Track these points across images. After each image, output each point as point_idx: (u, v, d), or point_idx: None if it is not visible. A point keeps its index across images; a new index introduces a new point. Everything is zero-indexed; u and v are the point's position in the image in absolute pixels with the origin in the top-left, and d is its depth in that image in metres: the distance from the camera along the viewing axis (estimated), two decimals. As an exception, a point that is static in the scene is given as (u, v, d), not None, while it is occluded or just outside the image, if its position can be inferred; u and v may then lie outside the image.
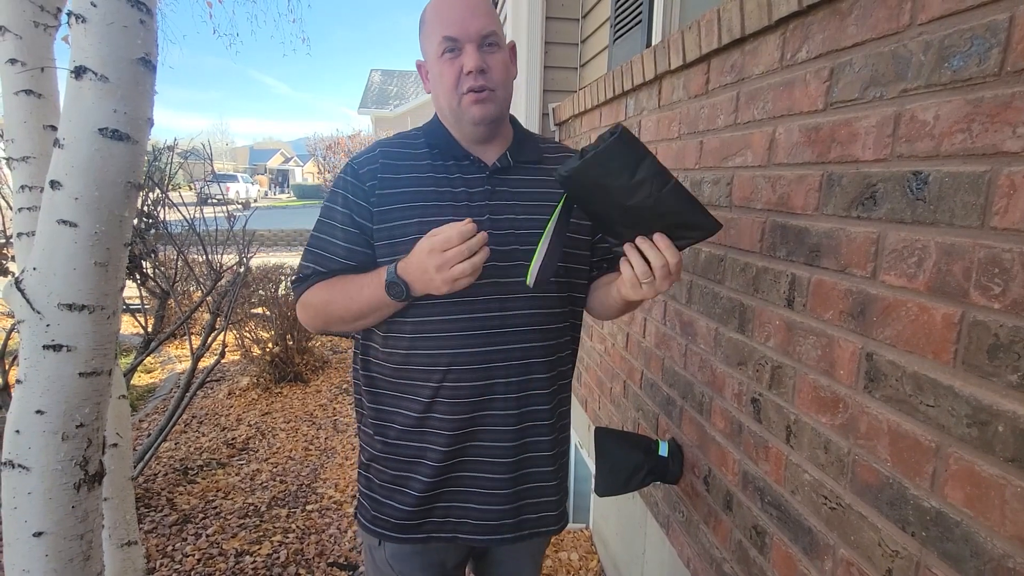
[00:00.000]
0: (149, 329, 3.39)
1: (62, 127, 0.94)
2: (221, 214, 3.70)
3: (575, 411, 2.38)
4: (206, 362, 3.93)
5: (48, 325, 0.97)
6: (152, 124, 1.02)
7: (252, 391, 4.10)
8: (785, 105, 0.98)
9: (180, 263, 3.79)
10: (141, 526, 2.41)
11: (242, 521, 2.52)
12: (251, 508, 2.63)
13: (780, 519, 1.01)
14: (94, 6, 0.90)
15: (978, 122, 0.64)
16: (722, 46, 1.15)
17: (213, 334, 3.08)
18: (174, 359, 4.98)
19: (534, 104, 2.88)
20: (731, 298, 1.17)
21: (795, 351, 0.96)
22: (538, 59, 2.85)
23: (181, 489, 2.78)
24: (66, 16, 0.94)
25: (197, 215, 3.53)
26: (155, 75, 1.00)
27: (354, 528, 2.47)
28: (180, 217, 3.60)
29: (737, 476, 1.15)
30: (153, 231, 3.90)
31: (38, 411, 0.98)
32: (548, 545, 1.27)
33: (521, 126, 1.09)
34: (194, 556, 2.26)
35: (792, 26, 0.96)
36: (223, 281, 3.39)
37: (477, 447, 1.02)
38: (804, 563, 0.94)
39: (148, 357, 3.65)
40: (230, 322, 3.41)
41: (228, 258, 3.64)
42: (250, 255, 3.65)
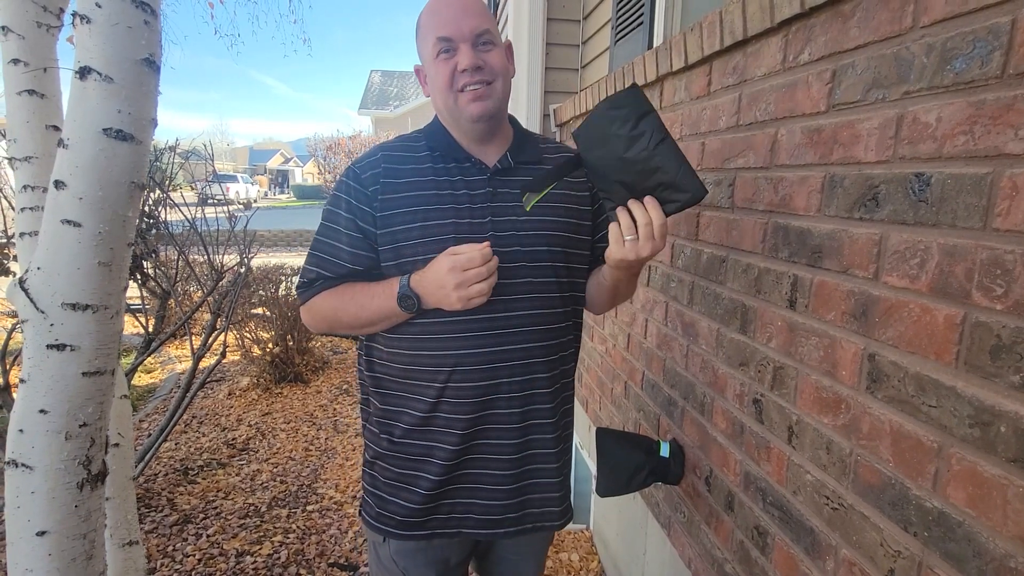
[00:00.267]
0: (150, 329, 3.39)
1: (66, 127, 0.94)
2: (222, 214, 3.71)
3: (576, 412, 2.38)
4: (207, 362, 3.92)
5: (52, 325, 0.97)
6: (156, 124, 1.02)
7: (252, 391, 4.10)
8: (787, 107, 0.99)
9: (181, 263, 3.79)
10: (142, 526, 2.41)
11: (243, 521, 2.52)
12: (251, 508, 2.63)
13: (782, 519, 1.01)
14: (99, 7, 0.90)
15: (980, 124, 0.65)
16: (724, 48, 1.16)
17: (214, 334, 3.08)
18: (174, 359, 4.98)
19: (535, 105, 2.88)
20: (733, 299, 1.17)
21: (797, 352, 0.97)
22: (539, 60, 2.86)
23: (182, 489, 2.78)
24: (70, 17, 0.95)
25: (198, 215, 3.54)
26: (159, 75, 1.00)
27: (355, 528, 2.48)
28: (181, 217, 3.60)
29: (739, 477, 1.15)
30: (154, 231, 3.91)
31: (41, 410, 0.98)
32: (551, 543, 1.27)
33: (520, 126, 1.10)
34: (195, 556, 2.26)
35: (794, 28, 0.96)
36: (224, 281, 3.39)
37: (483, 445, 1.03)
38: (806, 563, 0.95)
39: (148, 357, 3.65)
40: (231, 322, 3.41)
41: (229, 258, 3.64)
42: (251, 255, 3.65)
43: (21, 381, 1.00)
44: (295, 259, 7.74)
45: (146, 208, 3.83)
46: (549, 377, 1.04)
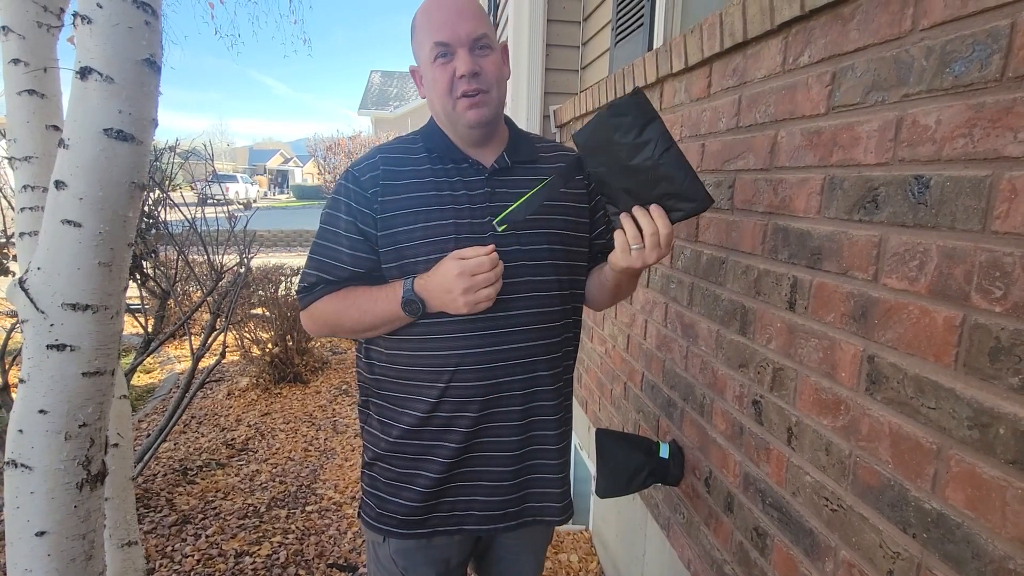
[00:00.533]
0: (149, 329, 3.39)
1: (67, 127, 0.95)
2: (222, 214, 3.71)
3: (575, 413, 2.38)
4: (206, 362, 3.92)
5: (52, 325, 0.97)
6: (156, 125, 1.02)
7: (252, 392, 4.09)
8: (787, 109, 0.99)
9: (180, 263, 3.79)
10: (140, 526, 2.41)
11: (241, 522, 2.52)
12: (250, 509, 2.63)
13: (781, 521, 1.01)
14: (100, 7, 0.90)
15: (980, 127, 0.65)
16: (724, 50, 1.16)
17: (213, 334, 3.08)
18: (173, 359, 4.98)
19: (535, 106, 2.88)
20: (733, 300, 1.17)
21: (797, 353, 0.97)
22: (539, 61, 2.86)
23: (180, 489, 2.78)
24: (71, 17, 0.95)
25: (198, 215, 3.54)
26: (160, 76, 1.00)
27: (354, 529, 2.47)
28: (181, 217, 3.60)
29: (738, 478, 1.15)
30: (154, 231, 3.91)
31: (41, 411, 0.98)
32: (550, 541, 1.28)
33: (516, 126, 1.10)
34: (193, 557, 2.26)
35: (794, 30, 0.96)
36: (223, 281, 3.39)
37: (485, 443, 1.03)
38: (805, 565, 0.95)
39: (148, 357, 3.65)
40: (230, 323, 3.41)
41: (228, 258, 3.64)
42: (251, 255, 3.65)
43: (21, 381, 1.00)
44: (295, 259, 7.74)
45: (146, 208, 3.83)
46: (551, 375, 1.05)
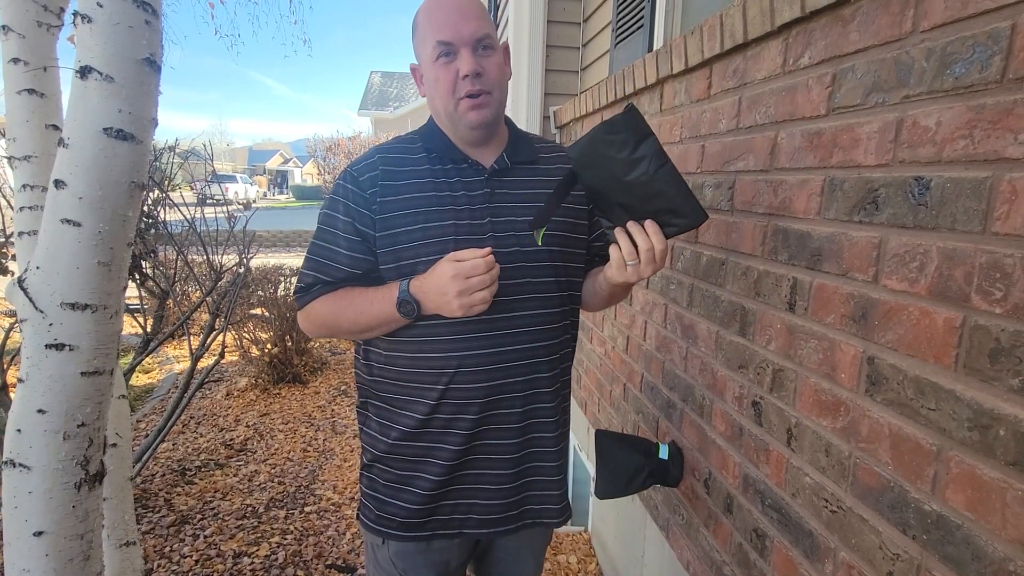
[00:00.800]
0: (148, 329, 3.38)
1: (67, 127, 0.94)
2: (221, 214, 3.70)
3: (575, 414, 2.38)
4: (205, 363, 3.92)
5: (51, 324, 0.97)
6: (156, 124, 1.02)
7: (250, 392, 4.09)
8: (787, 110, 0.99)
9: (180, 263, 3.79)
10: (139, 527, 2.40)
11: (240, 522, 2.51)
12: (249, 509, 2.62)
13: (781, 522, 1.01)
14: (100, 6, 0.90)
15: (980, 128, 0.65)
16: (724, 51, 1.16)
17: (212, 335, 3.08)
18: (172, 359, 4.97)
19: (535, 107, 2.88)
20: (732, 301, 1.17)
21: (796, 354, 0.97)
22: (539, 62, 2.86)
23: (179, 490, 2.77)
24: (71, 16, 0.94)
25: (197, 215, 3.53)
26: (160, 75, 1.00)
27: (353, 530, 2.47)
28: (180, 217, 3.60)
29: (738, 479, 1.15)
30: (153, 231, 3.90)
31: (40, 410, 0.98)
32: (549, 543, 1.27)
33: (515, 126, 1.10)
34: (192, 557, 2.26)
35: (795, 32, 0.97)
36: (223, 282, 3.38)
37: (485, 445, 1.03)
38: (805, 566, 0.95)
39: (147, 357, 3.65)
40: (229, 323, 3.41)
41: (228, 259, 3.63)
42: (250, 256, 3.64)
43: (19, 381, 0.99)
44: (294, 260, 7.73)
45: (145, 208, 3.83)
46: (550, 376, 1.05)
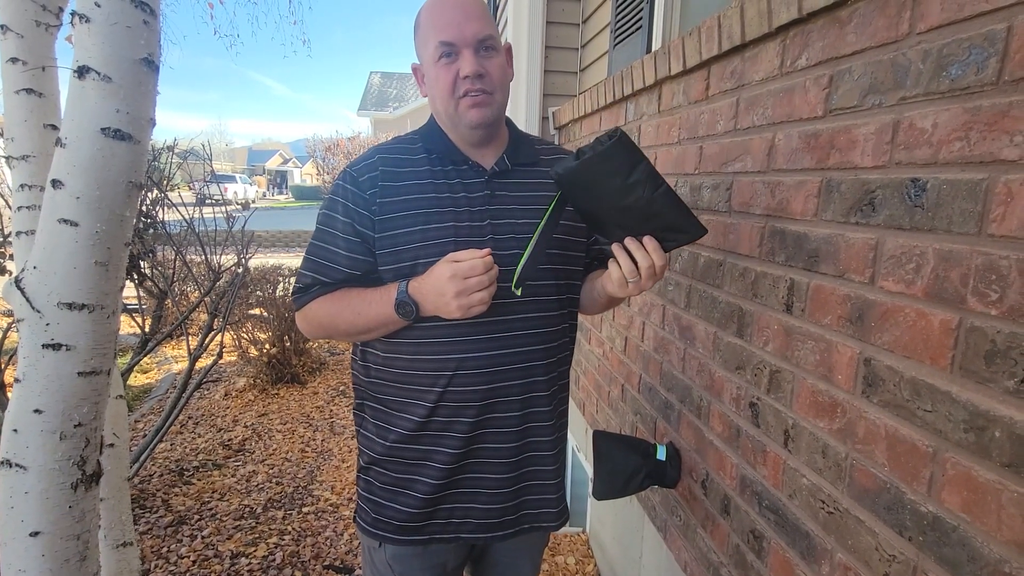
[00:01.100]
0: (146, 329, 3.38)
1: (64, 126, 0.94)
2: (220, 214, 3.70)
3: (573, 415, 2.38)
4: (203, 363, 3.91)
5: (48, 324, 0.97)
6: (154, 124, 1.02)
7: (249, 392, 4.09)
8: (785, 111, 0.99)
9: (178, 263, 3.78)
10: (136, 527, 2.40)
11: (238, 523, 2.51)
12: (247, 510, 2.62)
13: (778, 523, 1.01)
14: (98, 6, 0.90)
15: (976, 130, 0.65)
16: (722, 52, 1.16)
17: (211, 335, 3.08)
18: (170, 359, 4.97)
19: (534, 108, 2.89)
20: (730, 302, 1.17)
21: (793, 356, 0.97)
22: (538, 63, 2.86)
23: (177, 490, 2.77)
24: (69, 16, 0.94)
25: (196, 215, 3.53)
26: (158, 75, 1.00)
27: (350, 531, 2.47)
28: (179, 217, 3.60)
29: (735, 480, 1.15)
30: (152, 231, 3.90)
31: (36, 410, 0.98)
32: (546, 545, 1.27)
33: (516, 127, 1.10)
34: (189, 558, 2.25)
35: (792, 33, 0.97)
36: (221, 282, 3.38)
37: (482, 448, 1.02)
38: (802, 567, 0.95)
39: (144, 357, 3.64)
40: (228, 323, 3.40)
41: (226, 259, 3.63)
42: (249, 256, 3.64)
43: (16, 380, 0.99)
44: (293, 260, 7.71)
45: (144, 208, 3.83)
46: (547, 379, 1.05)
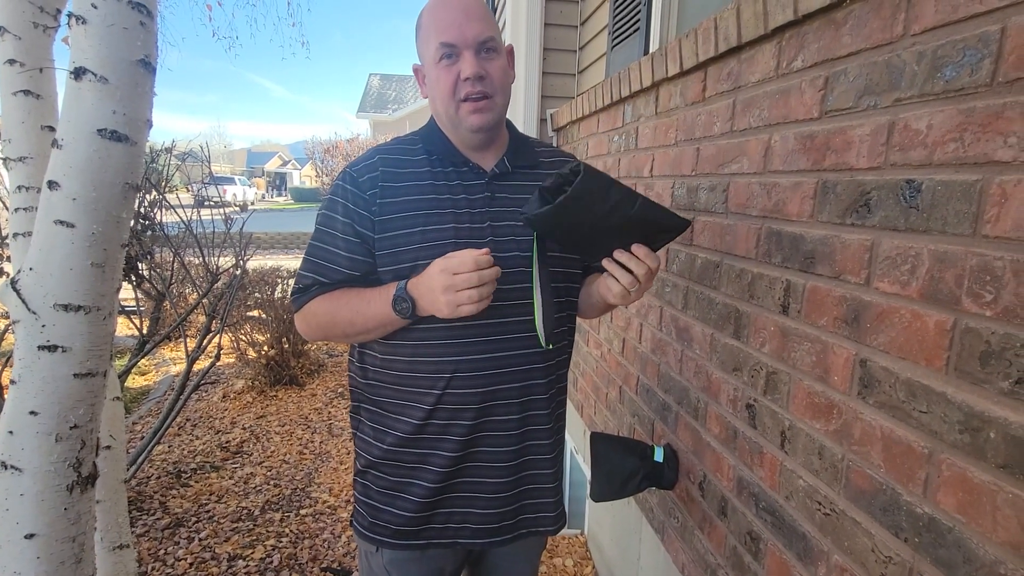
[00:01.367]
0: (144, 331, 3.38)
1: (61, 128, 0.94)
2: (218, 216, 3.70)
3: (571, 416, 2.38)
4: (201, 365, 3.91)
5: (44, 326, 0.96)
6: (151, 126, 1.02)
7: (247, 394, 4.08)
8: (781, 113, 0.99)
9: (176, 265, 3.78)
10: (133, 529, 2.39)
11: (235, 525, 2.50)
12: (244, 512, 2.61)
13: (774, 525, 1.01)
14: (95, 8, 0.90)
15: (970, 131, 0.65)
16: (719, 54, 1.16)
17: (209, 336, 3.07)
18: (169, 361, 4.96)
19: (532, 110, 2.89)
20: (727, 304, 1.17)
21: (790, 357, 0.97)
22: (536, 65, 2.87)
23: (174, 492, 2.76)
24: (66, 17, 0.94)
25: (194, 217, 3.53)
26: (155, 77, 1.00)
27: (348, 533, 2.46)
28: (177, 219, 3.59)
29: (732, 482, 1.15)
30: (150, 233, 3.90)
31: (32, 412, 0.97)
32: (544, 548, 1.27)
33: (516, 129, 1.09)
34: (186, 560, 2.25)
35: (788, 35, 0.97)
36: (220, 283, 3.38)
37: (480, 452, 1.02)
38: (798, 569, 0.95)
39: (142, 359, 3.64)
40: (226, 325, 3.40)
41: (225, 260, 3.63)
42: (247, 257, 3.64)
43: (12, 382, 0.99)
44: (292, 261, 7.71)
45: (142, 209, 3.82)
46: (546, 382, 1.04)
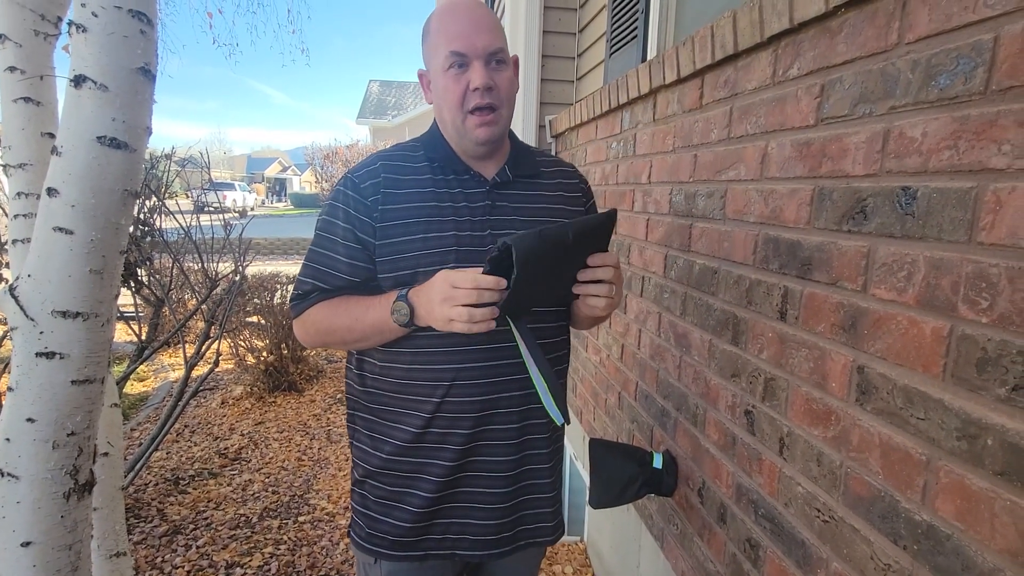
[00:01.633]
0: (143, 337, 3.37)
1: (60, 135, 0.95)
2: (218, 222, 3.71)
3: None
4: (200, 371, 3.90)
5: (41, 332, 0.96)
6: (150, 133, 1.02)
7: (246, 400, 4.07)
8: (777, 120, 1.00)
9: (175, 271, 3.78)
10: (130, 537, 2.38)
11: (233, 532, 2.49)
12: (242, 519, 2.60)
13: (774, 532, 1.01)
14: (95, 16, 0.91)
15: (965, 139, 0.65)
16: (716, 62, 1.17)
17: (208, 342, 3.07)
18: (167, 367, 4.95)
19: (531, 116, 2.90)
20: (725, 310, 1.18)
21: (788, 363, 0.97)
22: (535, 72, 2.88)
23: (172, 499, 2.75)
24: (67, 25, 0.95)
25: (193, 223, 3.53)
26: (154, 84, 1.00)
27: (347, 541, 2.45)
28: (176, 225, 3.60)
29: (731, 488, 1.15)
30: (149, 239, 3.90)
31: (29, 419, 0.97)
32: (543, 556, 1.26)
33: (517, 139, 1.10)
34: (184, 568, 2.24)
35: (784, 43, 0.98)
36: (219, 289, 3.38)
37: (479, 462, 1.01)
38: (797, 576, 0.94)
39: (141, 365, 3.63)
40: (225, 331, 3.40)
41: (224, 266, 3.63)
42: (246, 263, 3.64)
43: (9, 389, 0.99)
44: (291, 267, 7.72)
45: (141, 215, 3.83)
46: None
